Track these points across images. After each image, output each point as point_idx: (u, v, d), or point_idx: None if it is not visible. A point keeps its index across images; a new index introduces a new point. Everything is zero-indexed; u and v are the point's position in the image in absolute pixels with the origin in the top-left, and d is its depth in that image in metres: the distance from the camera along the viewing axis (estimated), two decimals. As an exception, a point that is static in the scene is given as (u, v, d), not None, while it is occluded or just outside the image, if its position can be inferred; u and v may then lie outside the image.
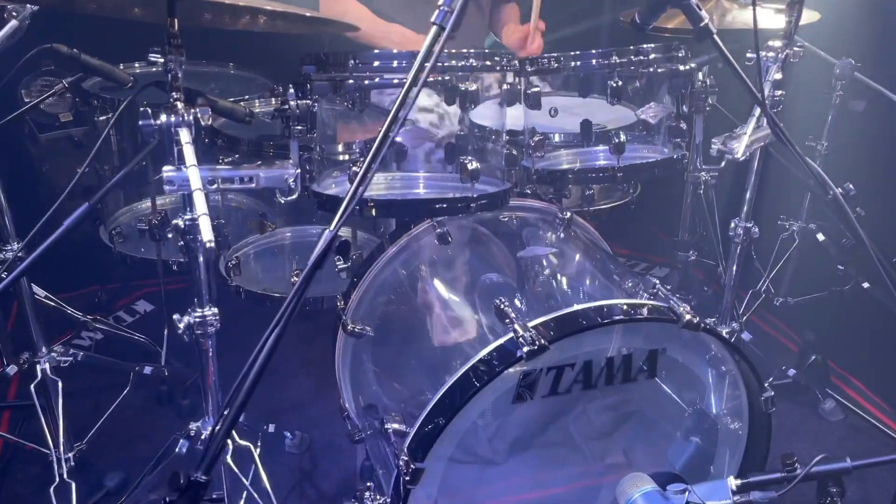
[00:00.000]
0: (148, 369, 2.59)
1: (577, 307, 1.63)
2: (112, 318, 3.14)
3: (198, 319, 1.74)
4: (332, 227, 1.38)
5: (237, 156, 2.27)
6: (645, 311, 1.65)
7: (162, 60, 1.62)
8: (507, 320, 1.61)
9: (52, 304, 2.69)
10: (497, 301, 1.67)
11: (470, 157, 1.74)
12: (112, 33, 3.10)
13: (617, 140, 1.87)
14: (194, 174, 1.48)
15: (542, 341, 1.51)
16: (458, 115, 2.09)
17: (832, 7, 2.48)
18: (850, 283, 2.96)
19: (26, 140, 3.35)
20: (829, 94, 2.87)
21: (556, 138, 2.06)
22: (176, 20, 1.63)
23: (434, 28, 1.42)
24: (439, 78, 1.66)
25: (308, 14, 1.55)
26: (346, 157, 2.00)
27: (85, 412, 2.52)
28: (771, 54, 2.02)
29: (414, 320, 2.11)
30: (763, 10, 2.53)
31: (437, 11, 1.41)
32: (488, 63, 1.76)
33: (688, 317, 1.61)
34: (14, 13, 1.92)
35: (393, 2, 2.85)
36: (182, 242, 1.71)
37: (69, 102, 3.29)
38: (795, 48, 2.03)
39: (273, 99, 2.56)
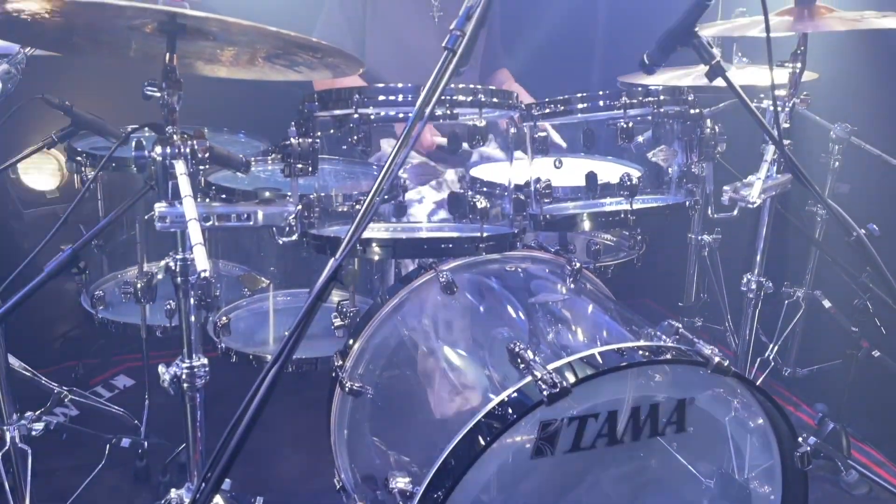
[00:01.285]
0: (125, 441, 2.40)
1: (598, 349, 1.52)
2: (89, 394, 2.96)
3: (185, 371, 1.60)
4: (337, 256, 1.29)
5: (230, 205, 2.20)
6: (669, 353, 1.53)
7: (158, 94, 1.56)
8: (523, 364, 1.49)
9: (28, 374, 2.52)
10: (511, 345, 1.55)
11: (478, 196, 1.66)
12: (104, 95, 3.10)
13: (629, 182, 1.80)
14: (189, 205, 1.39)
15: (565, 383, 1.39)
16: (458, 172, 2.04)
17: (830, 68, 2.49)
18: (861, 349, 2.86)
19: (10, 217, 3.26)
20: (827, 158, 2.88)
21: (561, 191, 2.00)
22: (175, 55, 1.59)
23: (445, 53, 1.38)
24: (447, 111, 1.61)
25: (315, 41, 1.50)
26: (346, 207, 1.93)
27: (55, 488, 2.32)
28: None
29: (417, 382, 1.97)
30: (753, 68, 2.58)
31: (448, 36, 1.37)
32: (496, 100, 1.71)
33: (717, 359, 1.50)
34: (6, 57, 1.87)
35: (389, 68, 2.86)
36: (173, 305, 1.60)
37: (56, 178, 3.24)
38: (803, 96, 2.02)
39: (269, 158, 2.54)
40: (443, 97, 1.37)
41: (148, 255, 2.66)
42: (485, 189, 1.94)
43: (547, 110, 1.83)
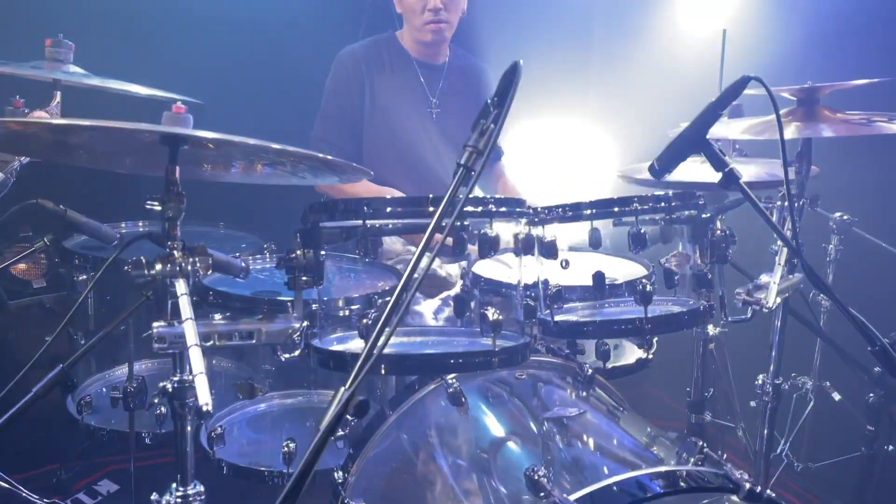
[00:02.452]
0: (109, 560, 2.25)
1: (619, 477, 1.43)
2: (70, 502, 2.80)
3: (179, 500, 1.50)
4: (347, 385, 1.21)
5: (228, 314, 2.12)
6: (696, 478, 1.45)
7: (160, 208, 1.51)
8: (543, 493, 1.40)
9: (4, 484, 2.38)
10: (528, 471, 1.47)
11: (490, 307, 1.60)
12: (97, 190, 3.06)
13: (642, 289, 1.75)
14: (190, 328, 1.32)
15: (589, 518, 1.30)
16: (461, 267, 1.99)
17: (828, 160, 2.49)
18: (874, 446, 2.77)
19: (-5, 308, 3.17)
20: (827, 247, 2.86)
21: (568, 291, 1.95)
22: (177, 168, 1.54)
23: (460, 170, 1.35)
24: (458, 223, 1.56)
25: (320, 156, 1.47)
26: (348, 311, 1.87)
27: None
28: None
29: (422, 499, 1.86)
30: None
31: (464, 153, 1.35)
32: (505, 209, 1.67)
33: (748, 485, 1.42)
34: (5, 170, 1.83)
35: (387, 163, 2.85)
36: (165, 410, 1.51)
37: (44, 267, 3.15)
38: (811, 197, 2.00)
39: (268, 255, 2.49)
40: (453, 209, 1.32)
41: (138, 350, 2.57)
42: (490, 288, 1.88)
43: (555, 215, 1.80)
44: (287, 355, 1.57)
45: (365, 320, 1.56)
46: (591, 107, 3.99)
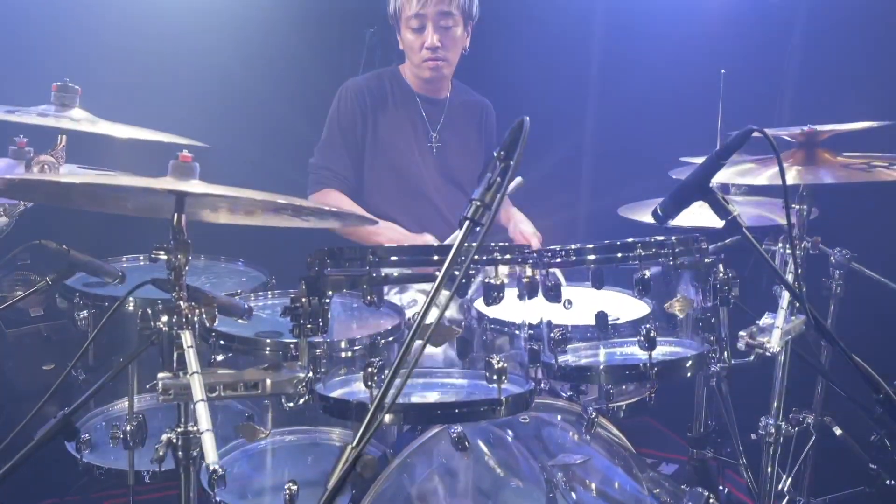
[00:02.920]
0: None
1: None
2: (68, 539, 2.78)
3: (182, 550, 1.48)
4: (354, 444, 1.21)
5: (230, 354, 2.12)
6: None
7: (165, 257, 1.51)
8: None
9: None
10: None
11: (495, 355, 1.60)
12: (97, 225, 3.06)
13: (646, 334, 1.75)
14: (197, 383, 1.31)
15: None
16: (462, 305, 1.98)
17: (831, 200, 2.51)
18: (876, 483, 2.77)
19: (-8, 337, 3.16)
20: (829, 282, 2.86)
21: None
22: (183, 216, 1.55)
23: (466, 223, 1.36)
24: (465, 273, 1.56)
25: (327, 208, 1.47)
26: (350, 353, 1.86)
27: None
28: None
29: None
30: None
31: (470, 206, 1.35)
32: (509, 256, 1.68)
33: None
34: (3, 209, 1.83)
35: (387, 195, 2.86)
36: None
37: (42, 297, 3.15)
38: (813, 240, 2.01)
39: (269, 293, 2.48)
40: (462, 259, 1.33)
41: (139, 383, 2.56)
42: (493, 327, 1.88)
43: (559, 259, 1.80)
44: (291, 404, 1.57)
45: (370, 368, 1.56)
46: (590, 143, 4.02)
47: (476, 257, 1.59)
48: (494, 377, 1.60)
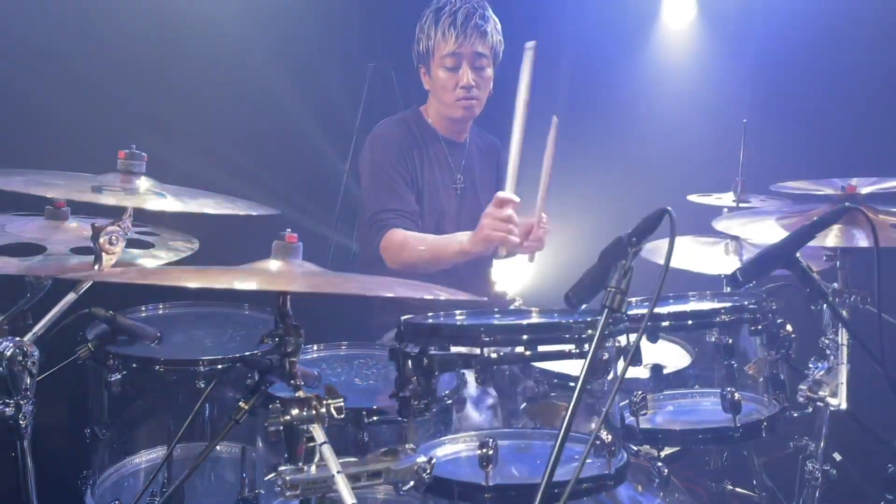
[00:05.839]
0: None
1: None
2: None
3: None
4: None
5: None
6: None
7: (277, 344, 1.45)
8: None
9: None
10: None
11: (607, 432, 1.61)
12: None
13: (731, 398, 1.79)
14: (343, 485, 1.27)
15: None
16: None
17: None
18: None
19: None
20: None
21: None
22: (288, 298, 1.50)
23: (607, 311, 1.36)
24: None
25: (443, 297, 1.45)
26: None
27: None
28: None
29: None
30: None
31: (607, 295, 1.36)
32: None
33: None
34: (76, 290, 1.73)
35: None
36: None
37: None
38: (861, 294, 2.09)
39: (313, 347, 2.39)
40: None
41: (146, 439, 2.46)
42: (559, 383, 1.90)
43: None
44: (406, 487, 1.53)
45: (485, 450, 1.54)
46: (615, 179, 4.03)
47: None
48: (605, 452, 1.61)
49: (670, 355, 2.19)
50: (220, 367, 2.12)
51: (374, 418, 1.77)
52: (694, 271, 2.70)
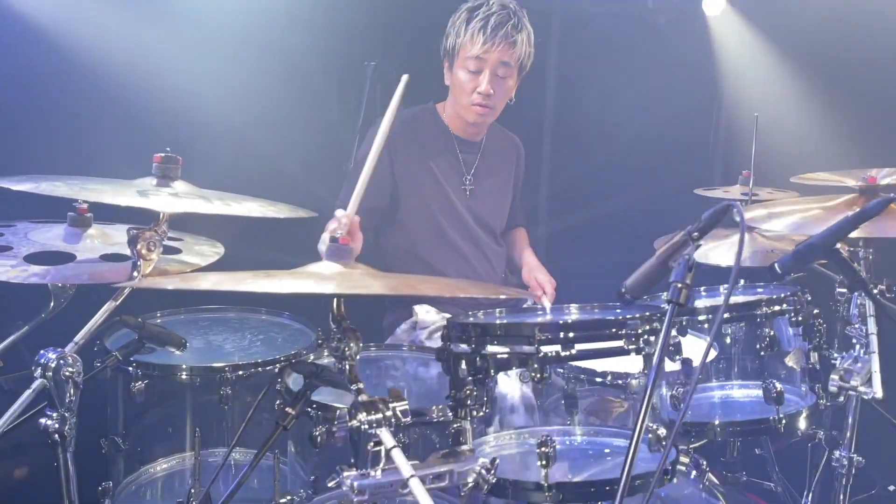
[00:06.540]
0: None
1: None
2: None
3: None
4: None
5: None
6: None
7: (336, 346, 1.43)
8: None
9: None
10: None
11: (655, 423, 1.61)
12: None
13: (774, 392, 1.81)
14: (419, 488, 1.25)
15: None
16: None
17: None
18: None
19: None
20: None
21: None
22: (342, 302, 1.47)
23: (672, 307, 1.36)
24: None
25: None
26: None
27: None
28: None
29: None
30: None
31: (674, 289, 1.36)
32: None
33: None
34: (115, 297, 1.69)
35: (420, 236, 2.81)
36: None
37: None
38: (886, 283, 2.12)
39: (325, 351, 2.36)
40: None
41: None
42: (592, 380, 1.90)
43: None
44: (466, 489, 1.51)
45: (544, 448, 1.53)
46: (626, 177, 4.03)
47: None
48: (657, 444, 1.61)
49: (694, 348, 2.20)
50: (241, 372, 2.13)
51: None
52: (711, 263, 2.70)
